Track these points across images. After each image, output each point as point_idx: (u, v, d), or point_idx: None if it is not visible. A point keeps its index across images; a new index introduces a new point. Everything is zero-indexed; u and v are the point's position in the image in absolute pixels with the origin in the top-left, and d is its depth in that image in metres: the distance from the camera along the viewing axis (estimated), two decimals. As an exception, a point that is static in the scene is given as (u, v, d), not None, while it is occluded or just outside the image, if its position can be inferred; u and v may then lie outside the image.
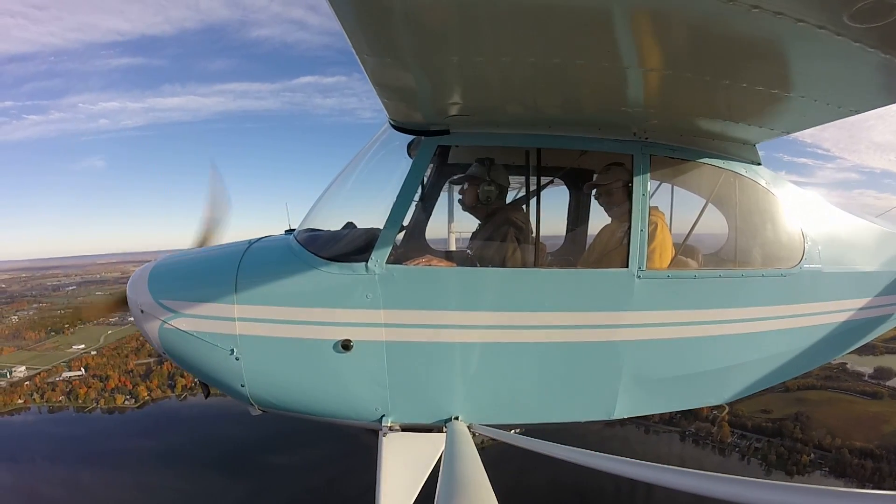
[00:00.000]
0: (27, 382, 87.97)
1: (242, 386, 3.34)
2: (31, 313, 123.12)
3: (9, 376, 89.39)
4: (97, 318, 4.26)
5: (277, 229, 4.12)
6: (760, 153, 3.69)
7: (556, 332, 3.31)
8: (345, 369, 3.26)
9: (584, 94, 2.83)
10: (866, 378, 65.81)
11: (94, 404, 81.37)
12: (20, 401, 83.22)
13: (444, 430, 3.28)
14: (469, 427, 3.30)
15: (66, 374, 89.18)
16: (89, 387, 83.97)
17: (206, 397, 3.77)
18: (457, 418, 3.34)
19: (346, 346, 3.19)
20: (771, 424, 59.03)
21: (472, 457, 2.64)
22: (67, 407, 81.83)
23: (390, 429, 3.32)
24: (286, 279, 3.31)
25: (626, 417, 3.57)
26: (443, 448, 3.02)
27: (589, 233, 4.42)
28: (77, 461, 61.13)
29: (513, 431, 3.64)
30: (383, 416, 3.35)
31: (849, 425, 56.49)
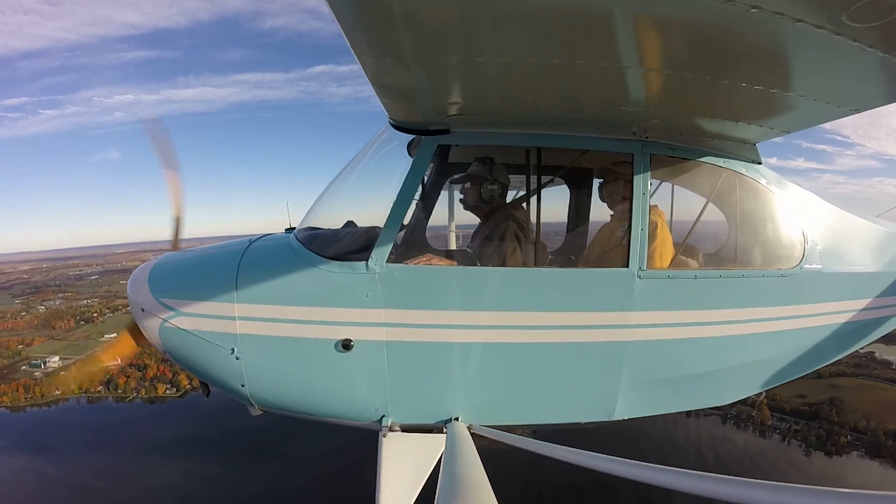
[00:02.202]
0: (63, 373, 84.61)
1: (242, 385, 3.34)
2: (57, 303, 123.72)
3: (43, 367, 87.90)
4: (114, 360, 4.07)
5: (292, 220, 4.09)
6: (776, 142, 3.68)
7: (557, 331, 3.31)
8: (345, 369, 3.26)
9: (584, 93, 2.83)
10: (895, 367, 67.50)
11: (135, 394, 79.73)
12: (58, 392, 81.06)
13: (445, 430, 3.28)
14: (469, 427, 3.30)
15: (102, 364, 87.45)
16: (128, 377, 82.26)
17: (206, 396, 3.77)
18: (457, 419, 3.34)
19: (346, 345, 3.19)
20: (808, 408, 61.15)
21: (472, 457, 2.64)
22: (107, 397, 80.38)
23: (390, 429, 3.32)
24: (286, 278, 3.31)
25: (626, 418, 3.57)
26: (443, 449, 3.02)
27: (589, 232, 4.42)
28: (116, 451, 61.11)
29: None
30: (383, 416, 3.35)
31: (881, 410, 58.52)
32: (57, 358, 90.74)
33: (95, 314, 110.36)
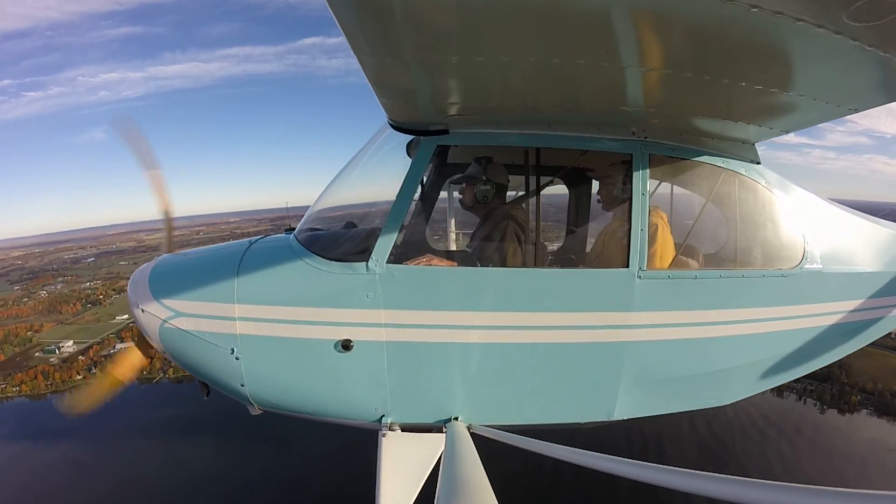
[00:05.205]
0: (81, 357, 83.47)
1: (242, 385, 3.35)
2: (58, 287, 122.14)
3: (58, 352, 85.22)
4: (127, 377, 3.92)
5: (288, 198, 4.03)
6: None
7: (557, 332, 3.31)
8: (345, 369, 3.26)
9: (584, 93, 2.83)
10: (893, 336, 69.75)
11: (161, 374, 76.10)
12: (79, 377, 77.90)
13: (444, 430, 3.28)
14: (469, 427, 3.30)
15: (121, 346, 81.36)
16: (152, 357, 79.73)
17: (205, 396, 3.77)
18: (457, 418, 3.34)
19: (346, 345, 3.19)
20: (819, 370, 64.24)
21: (472, 457, 2.64)
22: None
23: (390, 429, 3.32)
24: (286, 279, 3.31)
25: (626, 419, 3.57)
26: (443, 448, 3.02)
27: (589, 232, 4.42)
28: (147, 434, 59.91)
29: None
30: (383, 416, 3.36)
31: (885, 374, 62.49)
32: (71, 342, 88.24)
33: (101, 296, 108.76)
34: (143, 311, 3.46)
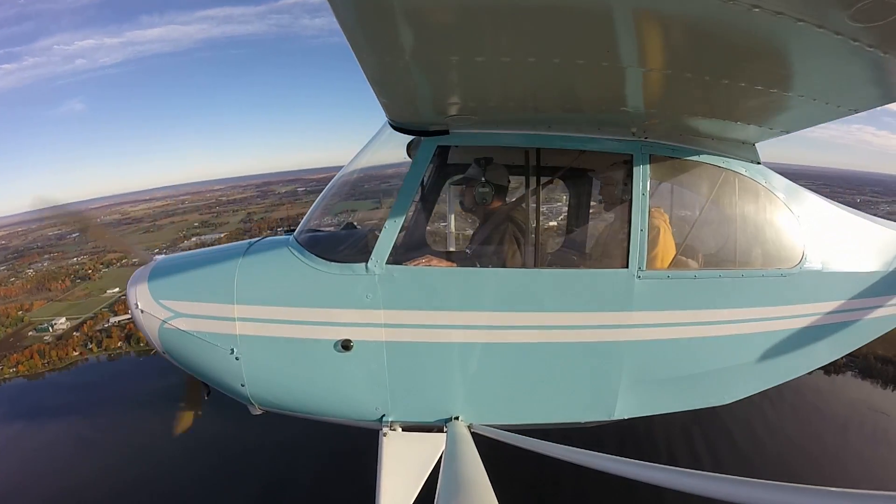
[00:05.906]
0: (76, 333, 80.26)
1: (242, 385, 3.36)
2: (45, 265, 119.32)
3: (51, 330, 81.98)
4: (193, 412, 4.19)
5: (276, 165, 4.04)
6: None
7: (556, 332, 3.31)
8: (345, 369, 3.27)
9: (584, 93, 2.83)
10: None
11: None
12: (76, 353, 75.86)
13: (445, 430, 3.28)
14: (469, 427, 3.30)
15: (115, 319, 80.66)
16: None
17: (206, 396, 3.78)
18: (457, 418, 3.35)
19: (346, 346, 3.19)
20: None
21: (472, 457, 2.65)
22: (129, 353, 74.50)
23: (390, 428, 3.33)
24: (286, 279, 3.32)
25: (626, 418, 3.57)
26: (443, 448, 3.03)
27: (589, 233, 4.42)
28: (148, 404, 60.09)
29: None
30: (383, 415, 3.36)
31: None
32: (63, 319, 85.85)
33: (90, 271, 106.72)
34: (142, 311, 3.46)
